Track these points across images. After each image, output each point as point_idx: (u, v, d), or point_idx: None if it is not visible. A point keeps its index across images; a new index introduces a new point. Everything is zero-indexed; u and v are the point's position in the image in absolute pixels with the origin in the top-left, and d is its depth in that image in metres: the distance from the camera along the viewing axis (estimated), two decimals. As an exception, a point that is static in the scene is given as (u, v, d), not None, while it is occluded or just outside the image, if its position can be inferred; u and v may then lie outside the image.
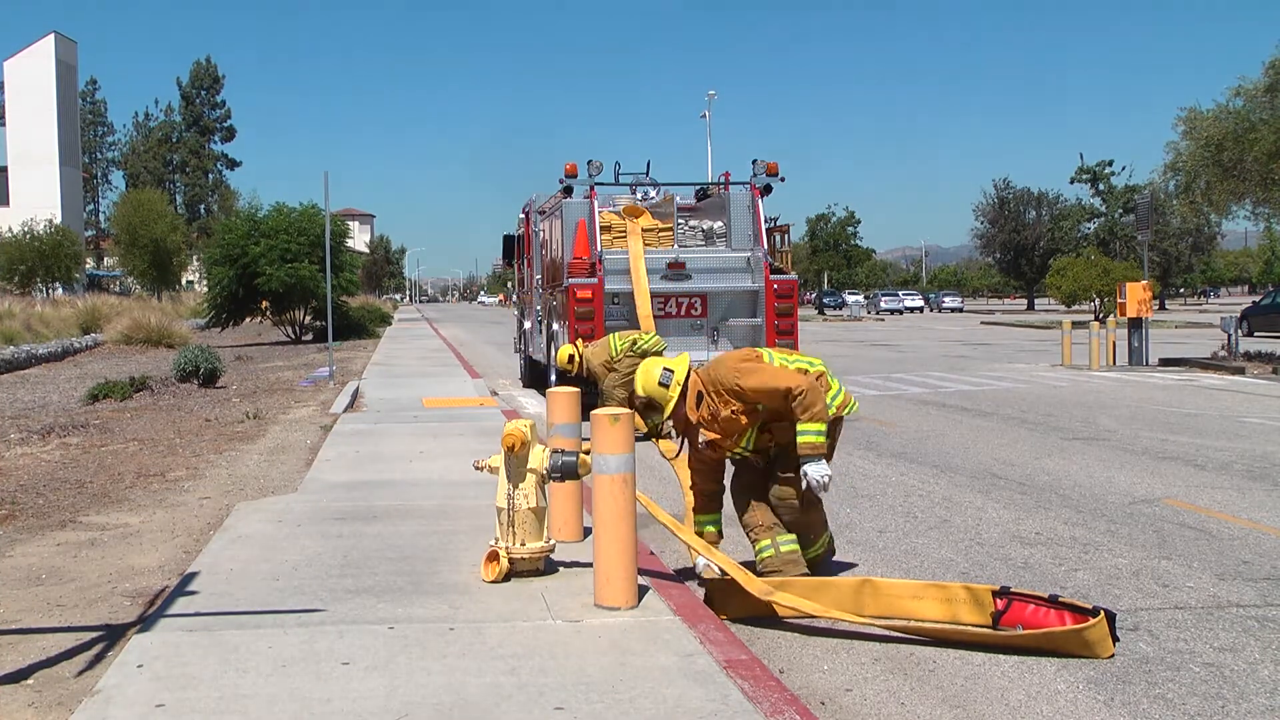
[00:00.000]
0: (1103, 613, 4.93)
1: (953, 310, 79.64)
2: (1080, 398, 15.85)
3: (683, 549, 6.45)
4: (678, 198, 15.42)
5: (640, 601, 5.25)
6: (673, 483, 9.05)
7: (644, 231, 14.40)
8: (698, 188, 15.84)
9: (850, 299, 72.80)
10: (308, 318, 35.05)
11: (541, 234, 16.70)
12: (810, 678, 4.78)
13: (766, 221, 14.56)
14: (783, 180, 14.58)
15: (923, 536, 7.31)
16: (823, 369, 6.17)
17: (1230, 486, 8.85)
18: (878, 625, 5.20)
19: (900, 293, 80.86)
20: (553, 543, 5.93)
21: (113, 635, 5.01)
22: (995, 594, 5.24)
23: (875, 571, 6.40)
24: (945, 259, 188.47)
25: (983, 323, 53.06)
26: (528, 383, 18.63)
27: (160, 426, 12.43)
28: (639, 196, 15.18)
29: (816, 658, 5.03)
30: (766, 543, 5.99)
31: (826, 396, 5.96)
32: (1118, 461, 10.15)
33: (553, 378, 14.27)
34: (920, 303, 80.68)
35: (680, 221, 14.94)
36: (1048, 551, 6.85)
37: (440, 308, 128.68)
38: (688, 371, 6.03)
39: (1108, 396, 15.97)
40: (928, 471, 9.77)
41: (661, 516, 6.03)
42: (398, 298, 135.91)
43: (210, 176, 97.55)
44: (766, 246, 14.27)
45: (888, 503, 8.44)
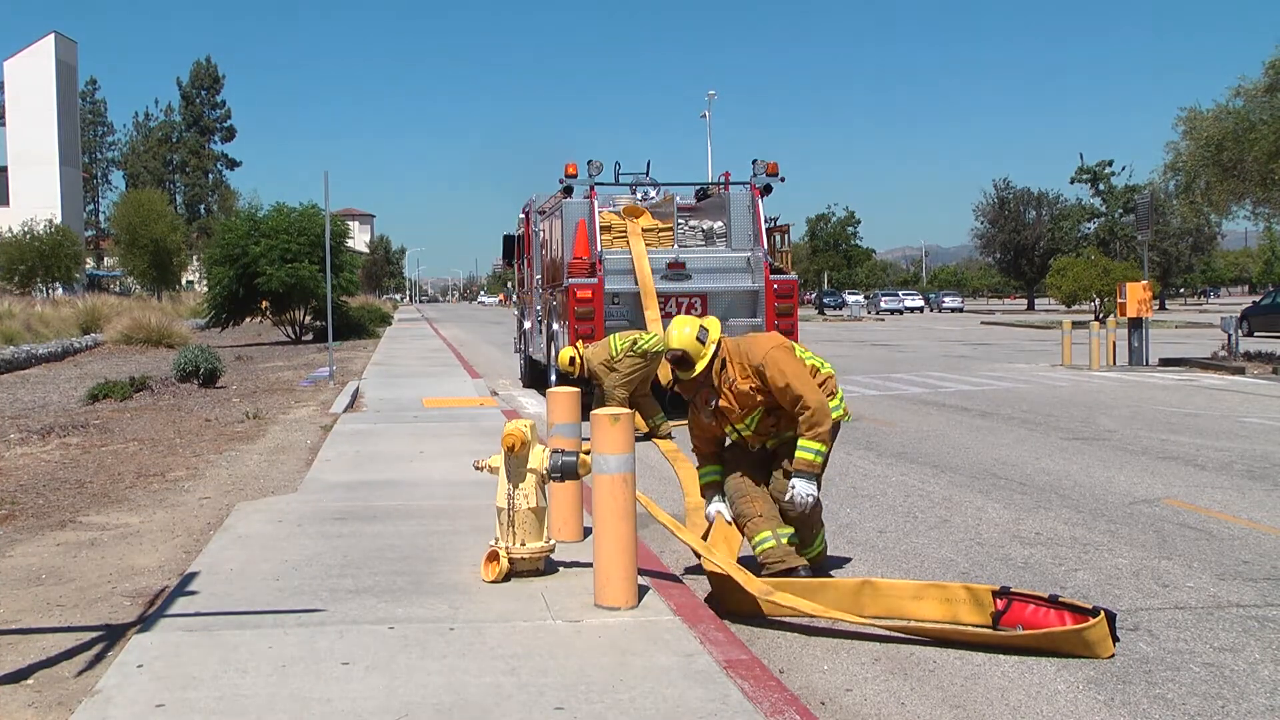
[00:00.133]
0: (1103, 613, 4.93)
1: (953, 310, 79.68)
2: (1080, 398, 15.86)
3: (683, 549, 6.46)
4: (678, 198, 15.44)
5: (640, 601, 5.25)
6: (673, 483, 9.06)
7: (644, 231, 14.41)
8: (698, 188, 15.85)
9: (850, 299, 72.85)
10: (308, 318, 35.05)
11: (541, 234, 16.71)
12: (810, 678, 4.78)
13: (766, 221, 14.58)
14: (783, 180, 14.60)
15: (923, 536, 7.31)
16: (831, 372, 6.27)
17: (1230, 486, 8.85)
18: (878, 625, 5.21)
19: (900, 293, 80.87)
20: (553, 543, 5.93)
21: (113, 635, 5.01)
22: (995, 594, 5.24)
23: (875, 571, 6.41)
24: (945, 259, 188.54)
25: (983, 323, 53.06)
26: (528, 383, 18.64)
27: (160, 426, 12.43)
28: (639, 196, 15.20)
29: (816, 658, 5.03)
30: (767, 534, 5.97)
31: (831, 402, 6.01)
32: (1118, 461, 10.15)
33: (553, 378, 14.27)
34: (920, 303, 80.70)
35: (680, 221, 14.95)
36: (1048, 551, 6.85)
37: (440, 308, 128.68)
38: (720, 335, 6.08)
39: (1108, 396, 15.97)
40: (928, 471, 9.77)
41: (661, 516, 6.04)
42: (398, 298, 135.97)
43: (210, 176, 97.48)
44: (766, 246, 14.29)
45: (888, 503, 8.44)
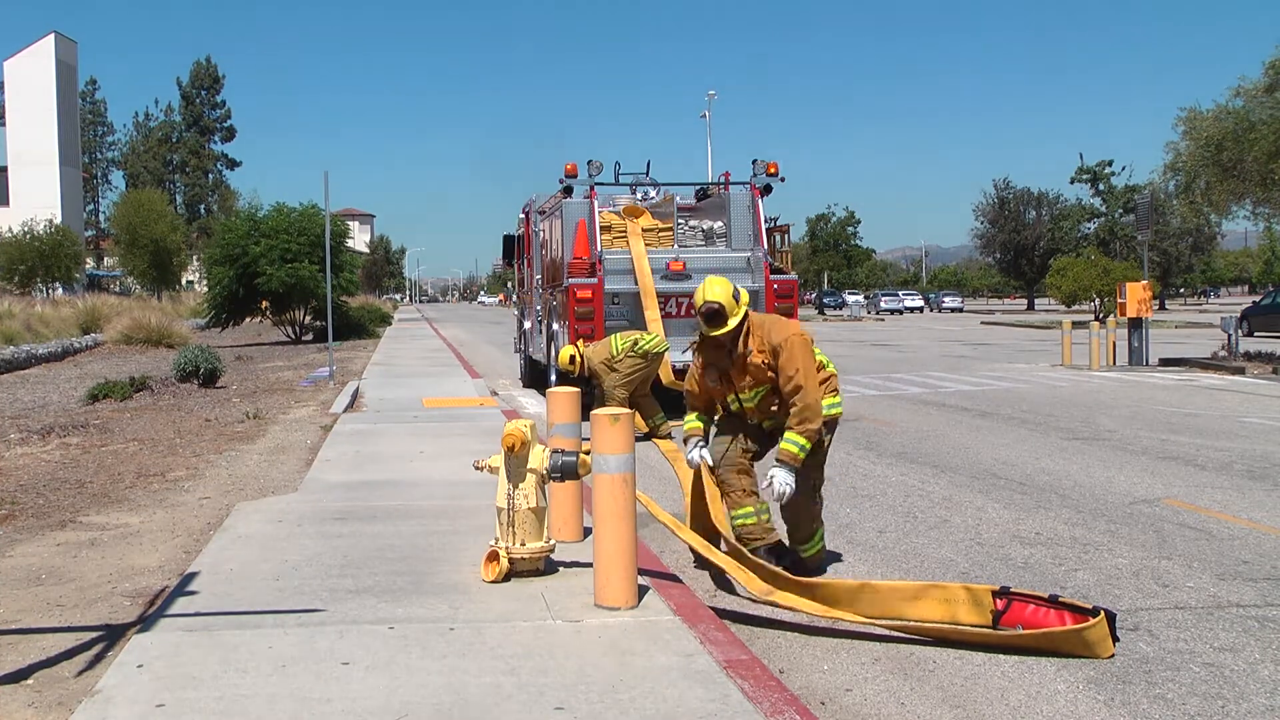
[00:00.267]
0: (1103, 613, 4.93)
1: (953, 310, 79.67)
2: (1080, 398, 15.86)
3: (683, 549, 6.46)
4: (678, 198, 15.44)
5: (640, 601, 5.25)
6: (673, 483, 9.05)
7: (644, 231, 14.41)
8: (698, 188, 15.85)
9: (850, 299, 72.85)
10: (308, 318, 35.05)
11: (541, 234, 16.70)
12: (810, 678, 4.78)
13: (766, 221, 14.58)
14: (783, 180, 14.60)
15: (923, 536, 7.31)
16: (834, 372, 6.38)
17: (1230, 486, 8.85)
18: (878, 625, 5.21)
19: (900, 293, 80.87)
20: (553, 543, 5.93)
21: (113, 635, 5.01)
22: (995, 594, 5.24)
23: (875, 572, 6.42)
24: (945, 259, 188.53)
25: (983, 323, 53.06)
26: (528, 383, 18.64)
27: (160, 426, 12.43)
28: (639, 196, 15.20)
29: (816, 658, 5.03)
30: (749, 509, 6.10)
31: (826, 400, 6.08)
32: (1118, 461, 10.15)
33: (553, 378, 14.27)
34: (920, 303, 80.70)
35: (680, 221, 14.95)
36: (1048, 551, 6.85)
37: (440, 308, 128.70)
38: (748, 303, 6.17)
39: (1108, 396, 15.97)
40: (928, 471, 9.77)
41: (661, 516, 6.05)
42: (398, 298, 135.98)
43: (210, 176, 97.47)
44: (766, 246, 14.28)
45: (888, 503, 8.44)
